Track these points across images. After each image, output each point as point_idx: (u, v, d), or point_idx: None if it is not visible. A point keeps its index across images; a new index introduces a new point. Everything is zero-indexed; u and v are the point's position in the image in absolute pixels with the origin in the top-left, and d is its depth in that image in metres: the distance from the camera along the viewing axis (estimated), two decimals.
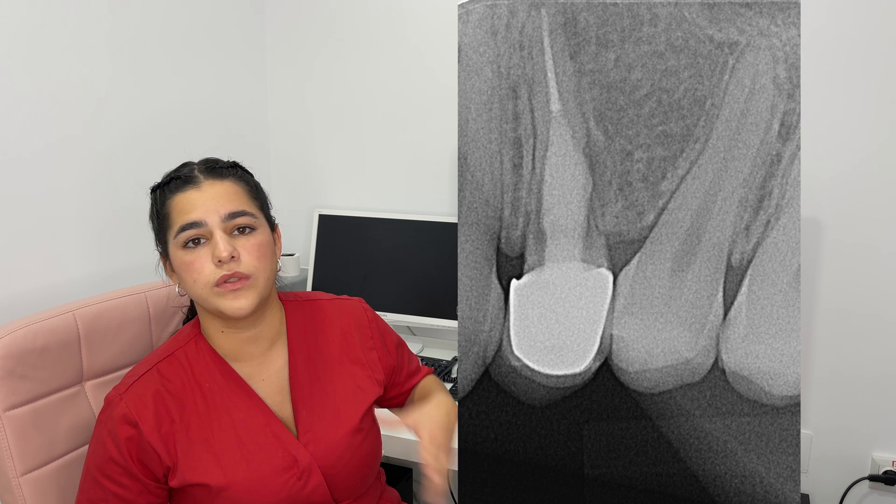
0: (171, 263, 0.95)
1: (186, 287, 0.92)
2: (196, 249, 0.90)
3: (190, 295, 0.93)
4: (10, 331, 0.95)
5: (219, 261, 0.89)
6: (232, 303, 0.90)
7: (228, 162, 0.98)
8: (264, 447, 0.93)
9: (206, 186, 0.93)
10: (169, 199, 0.93)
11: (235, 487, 0.90)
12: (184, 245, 0.90)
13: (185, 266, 0.90)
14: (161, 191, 0.95)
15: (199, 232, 0.90)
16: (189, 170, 0.95)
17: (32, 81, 1.24)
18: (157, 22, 1.50)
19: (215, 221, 0.91)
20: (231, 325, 0.96)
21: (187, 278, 0.91)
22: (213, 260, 0.89)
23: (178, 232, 0.90)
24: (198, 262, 0.90)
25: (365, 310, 1.11)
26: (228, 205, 0.92)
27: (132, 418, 0.89)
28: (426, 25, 1.72)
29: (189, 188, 0.92)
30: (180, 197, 0.92)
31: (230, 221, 0.92)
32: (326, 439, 0.97)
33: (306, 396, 0.99)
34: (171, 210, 0.92)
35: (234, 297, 0.90)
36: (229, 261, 0.89)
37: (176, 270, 0.93)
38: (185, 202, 0.91)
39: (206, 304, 0.92)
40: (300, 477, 0.93)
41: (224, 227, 0.91)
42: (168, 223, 0.92)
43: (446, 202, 1.79)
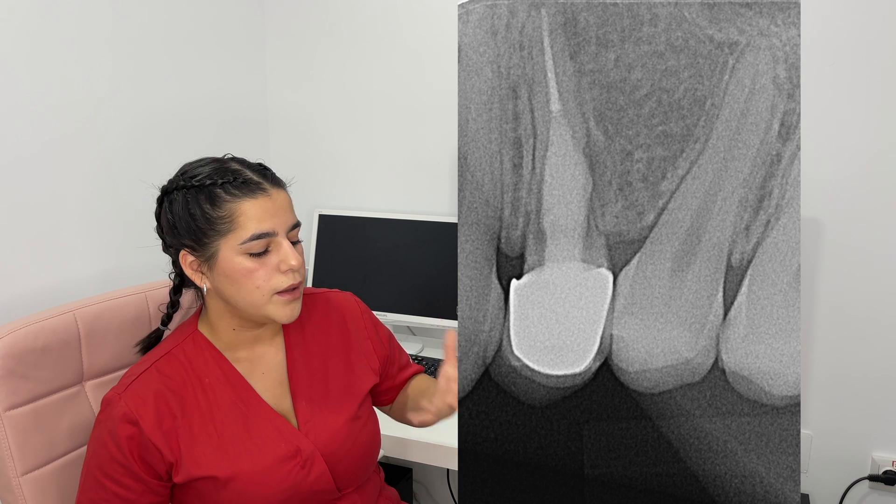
0: (211, 265, 0.93)
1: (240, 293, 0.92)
2: (262, 257, 0.92)
3: (236, 301, 0.93)
4: (10, 331, 0.95)
5: (288, 269, 0.92)
6: (290, 310, 0.94)
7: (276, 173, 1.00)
8: (267, 439, 0.95)
9: (275, 195, 0.95)
10: (230, 203, 0.91)
11: (241, 478, 0.91)
12: (249, 252, 0.91)
13: (245, 273, 0.91)
14: (212, 190, 0.92)
15: (271, 241, 0.92)
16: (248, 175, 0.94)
17: (33, 82, 1.24)
18: (156, 21, 1.50)
19: (283, 231, 0.94)
20: (248, 326, 0.99)
21: (248, 284, 0.91)
22: (282, 268, 0.92)
23: (248, 239, 0.91)
24: (263, 270, 0.91)
25: (357, 302, 1.14)
26: (292, 216, 0.96)
27: (132, 417, 0.89)
28: (426, 26, 1.72)
29: (260, 195, 0.93)
30: (252, 203, 0.91)
31: (292, 231, 0.96)
32: (327, 428, 0.99)
33: (305, 388, 1.01)
34: (238, 215, 0.91)
35: (294, 305, 0.95)
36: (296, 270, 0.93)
37: (226, 274, 0.92)
38: (259, 210, 0.92)
39: (258, 311, 0.94)
40: (304, 465, 0.94)
41: (288, 237, 0.95)
42: (230, 227, 0.91)
43: (446, 202, 1.79)
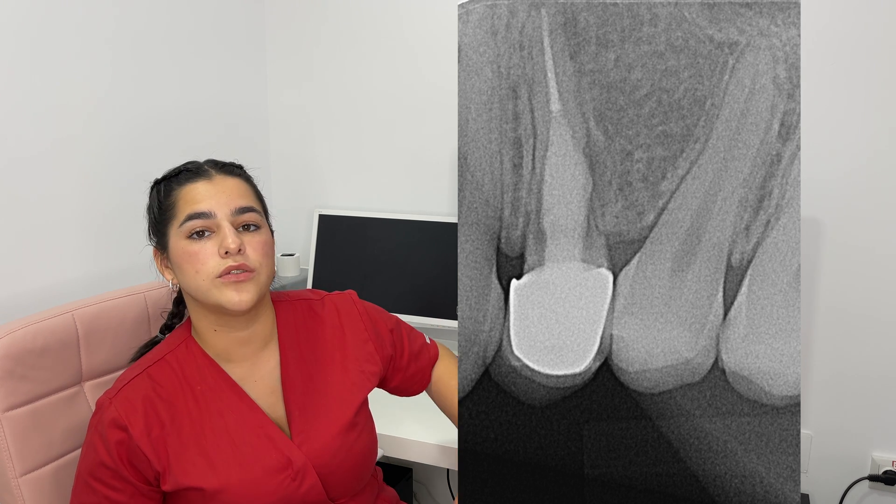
0: (167, 256, 0.94)
1: (186, 279, 0.91)
2: (201, 241, 0.89)
3: (188, 289, 0.92)
4: (9, 331, 0.95)
5: (226, 252, 0.88)
6: (234, 296, 0.89)
7: (236, 163, 0.99)
8: (258, 449, 0.92)
9: (218, 180, 0.92)
10: (175, 190, 0.92)
11: (230, 490, 0.89)
12: (188, 235, 0.89)
13: (187, 256, 0.89)
14: (166, 183, 0.94)
15: (206, 223, 0.89)
16: (197, 164, 0.95)
17: (32, 83, 1.24)
18: (156, 23, 1.50)
19: (224, 214, 0.90)
20: (225, 323, 0.95)
21: (189, 269, 0.89)
22: (220, 251, 0.89)
23: (184, 221, 0.89)
24: (202, 253, 0.89)
25: (355, 302, 1.10)
26: (238, 199, 0.92)
27: (122, 422, 0.88)
28: (426, 26, 1.72)
29: (199, 180, 0.92)
30: (189, 188, 0.91)
31: (239, 216, 0.91)
32: (320, 439, 0.96)
33: (299, 396, 0.98)
34: (178, 200, 0.91)
35: (237, 289, 0.89)
36: (236, 253, 0.89)
37: (175, 262, 0.92)
38: (195, 192, 0.91)
39: (206, 298, 0.90)
40: (294, 478, 0.92)
41: (232, 221, 0.91)
42: (173, 213, 0.91)
43: (446, 202, 1.79)
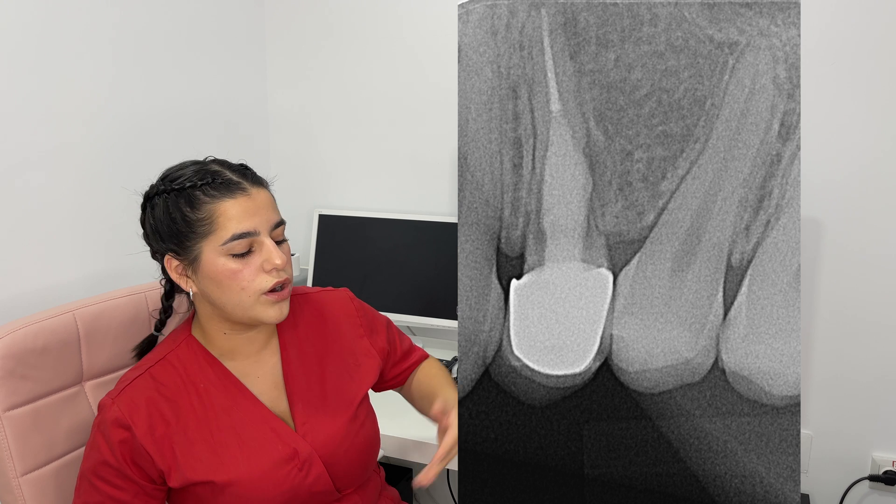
0: (194, 268, 0.91)
1: (226, 295, 0.90)
2: (245, 258, 0.90)
3: (223, 303, 0.91)
4: (10, 331, 0.95)
5: (272, 269, 0.91)
6: (278, 311, 0.92)
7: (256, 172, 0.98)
8: (264, 442, 0.94)
9: (255, 194, 0.92)
10: (209, 204, 0.89)
11: (239, 482, 0.90)
12: (232, 253, 0.89)
13: (229, 274, 0.89)
14: (191, 192, 0.90)
15: (253, 241, 0.90)
16: (227, 175, 0.92)
17: (32, 84, 1.24)
18: (156, 23, 1.50)
19: (266, 231, 0.92)
20: (239, 329, 0.97)
21: (233, 286, 0.90)
22: (266, 267, 0.91)
23: (229, 240, 0.88)
24: (247, 271, 0.90)
25: (351, 299, 1.13)
26: (275, 214, 0.94)
27: (125, 422, 0.88)
28: (426, 26, 1.72)
29: (240, 195, 0.90)
30: (231, 203, 0.89)
31: (276, 230, 0.93)
32: (324, 430, 0.98)
33: (301, 390, 1.00)
34: (217, 216, 0.89)
35: (281, 305, 0.93)
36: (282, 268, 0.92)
37: (211, 277, 0.90)
38: (239, 209, 0.89)
39: (245, 312, 0.92)
40: (301, 468, 0.94)
41: (272, 236, 0.93)
42: (210, 228, 0.89)
43: (446, 202, 1.79)
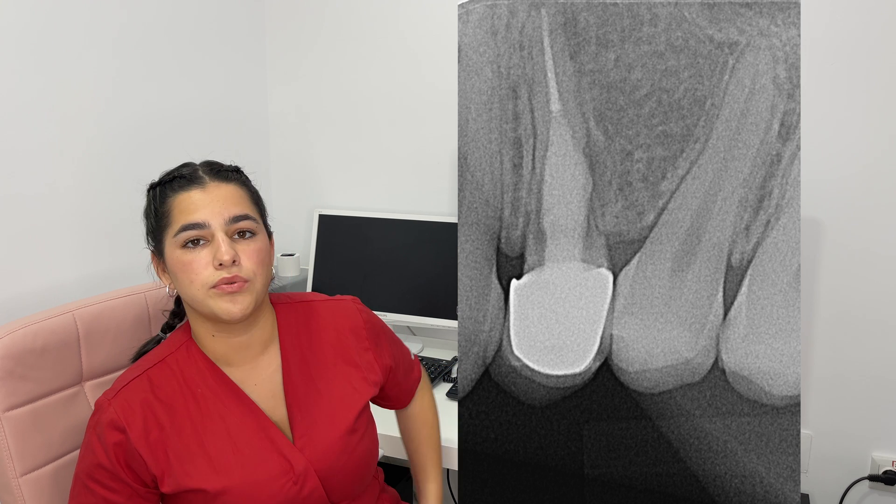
0: (164, 262, 0.93)
1: (181, 287, 0.91)
2: (195, 250, 0.89)
3: (184, 296, 0.92)
4: (9, 331, 0.95)
5: (220, 264, 0.88)
6: (228, 306, 0.89)
7: (232, 166, 0.97)
8: (259, 452, 0.92)
9: (212, 188, 0.92)
10: (170, 198, 0.92)
11: (232, 492, 0.89)
12: (183, 245, 0.89)
13: (182, 266, 0.89)
14: (161, 188, 0.93)
15: (200, 233, 0.89)
16: (192, 170, 0.94)
17: (33, 84, 1.24)
18: (156, 24, 1.50)
19: (218, 224, 0.90)
20: (222, 329, 0.95)
21: (184, 278, 0.89)
22: (214, 262, 0.89)
23: (178, 231, 0.89)
24: (196, 263, 0.89)
25: (359, 310, 1.09)
26: (233, 208, 0.92)
27: (120, 424, 0.88)
28: (426, 26, 1.72)
29: (193, 188, 0.91)
30: (183, 196, 0.91)
31: (233, 225, 0.91)
32: (322, 442, 0.96)
33: (300, 399, 0.98)
34: (173, 208, 0.91)
35: (231, 300, 0.89)
36: (230, 264, 0.88)
37: (171, 270, 0.92)
38: (189, 202, 0.90)
39: (201, 307, 0.90)
40: (296, 482, 0.92)
41: (226, 231, 0.90)
42: (167, 221, 0.91)
43: (446, 202, 1.79)
